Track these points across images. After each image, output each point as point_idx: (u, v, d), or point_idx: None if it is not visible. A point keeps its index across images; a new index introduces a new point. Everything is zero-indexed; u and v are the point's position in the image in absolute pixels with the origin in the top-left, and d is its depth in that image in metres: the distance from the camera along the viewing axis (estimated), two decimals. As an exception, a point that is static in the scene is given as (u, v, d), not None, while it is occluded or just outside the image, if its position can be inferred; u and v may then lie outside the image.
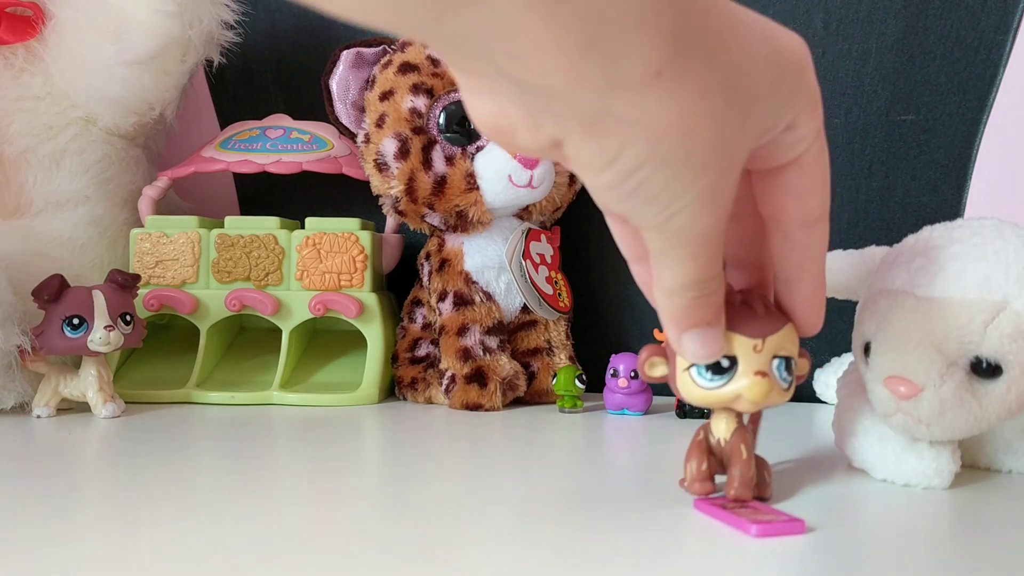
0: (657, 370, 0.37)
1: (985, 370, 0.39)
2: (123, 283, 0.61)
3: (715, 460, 0.39)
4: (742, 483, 0.37)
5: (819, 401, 0.71)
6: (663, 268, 0.28)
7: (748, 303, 0.35)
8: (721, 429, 0.38)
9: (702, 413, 0.62)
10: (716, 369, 0.35)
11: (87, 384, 0.60)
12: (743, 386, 0.34)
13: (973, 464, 0.46)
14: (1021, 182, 0.73)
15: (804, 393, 0.73)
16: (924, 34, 0.73)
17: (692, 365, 0.35)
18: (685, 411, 0.63)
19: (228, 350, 0.75)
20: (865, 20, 0.74)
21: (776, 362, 0.35)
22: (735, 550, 0.32)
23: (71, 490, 0.40)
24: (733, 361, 0.35)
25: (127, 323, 0.60)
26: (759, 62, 0.26)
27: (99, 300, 0.59)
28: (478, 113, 0.25)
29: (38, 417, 0.59)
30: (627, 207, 0.26)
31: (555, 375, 0.66)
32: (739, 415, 0.38)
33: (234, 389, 0.68)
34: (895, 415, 0.41)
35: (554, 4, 0.20)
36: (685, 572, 0.30)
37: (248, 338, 0.77)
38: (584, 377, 0.65)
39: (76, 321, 0.58)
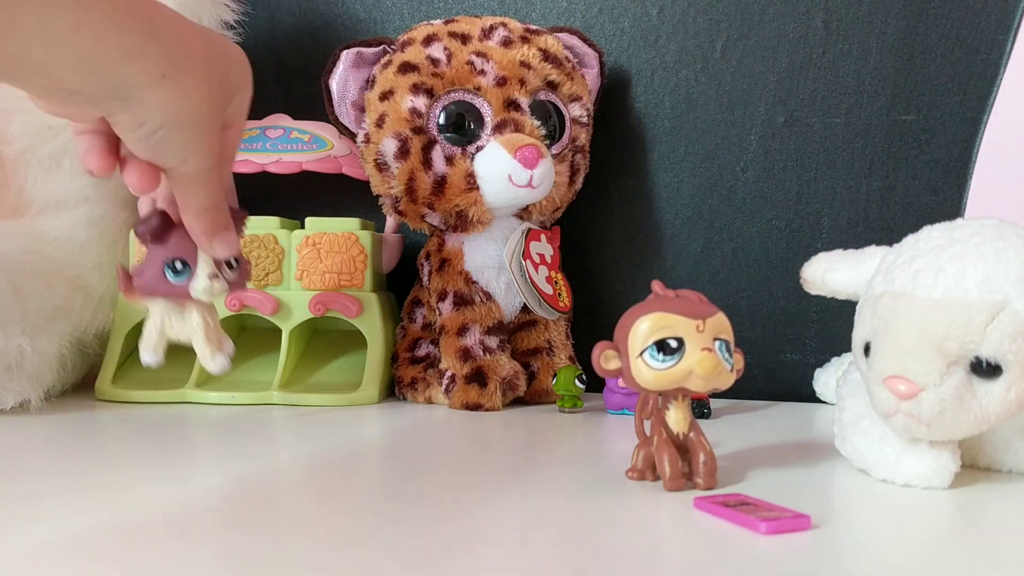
0: (612, 363, 0.40)
1: (985, 370, 0.39)
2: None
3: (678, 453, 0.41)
4: (709, 472, 0.40)
5: (819, 401, 0.71)
6: (189, 196, 0.41)
7: (684, 296, 0.40)
8: (680, 422, 0.41)
9: (701, 413, 0.62)
10: (667, 350, 0.38)
11: (192, 332, 0.52)
12: (694, 361, 0.38)
13: (973, 464, 0.46)
14: (1021, 182, 0.73)
15: (804, 393, 0.73)
16: (924, 34, 0.73)
17: (644, 350, 0.38)
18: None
19: (228, 350, 0.75)
20: (865, 20, 0.74)
21: (718, 343, 0.39)
22: (739, 548, 0.32)
23: (71, 490, 0.40)
24: (680, 342, 0.38)
25: (231, 268, 0.51)
26: (221, 67, 0.39)
27: None
28: (44, 109, 0.37)
29: (147, 364, 0.50)
30: (154, 155, 0.38)
31: (555, 375, 0.66)
32: (691, 412, 0.41)
33: (234, 389, 0.68)
34: (895, 415, 0.41)
35: (56, 51, 0.32)
36: (692, 570, 0.30)
37: (248, 338, 0.77)
38: (584, 377, 0.65)
39: (179, 266, 0.50)
